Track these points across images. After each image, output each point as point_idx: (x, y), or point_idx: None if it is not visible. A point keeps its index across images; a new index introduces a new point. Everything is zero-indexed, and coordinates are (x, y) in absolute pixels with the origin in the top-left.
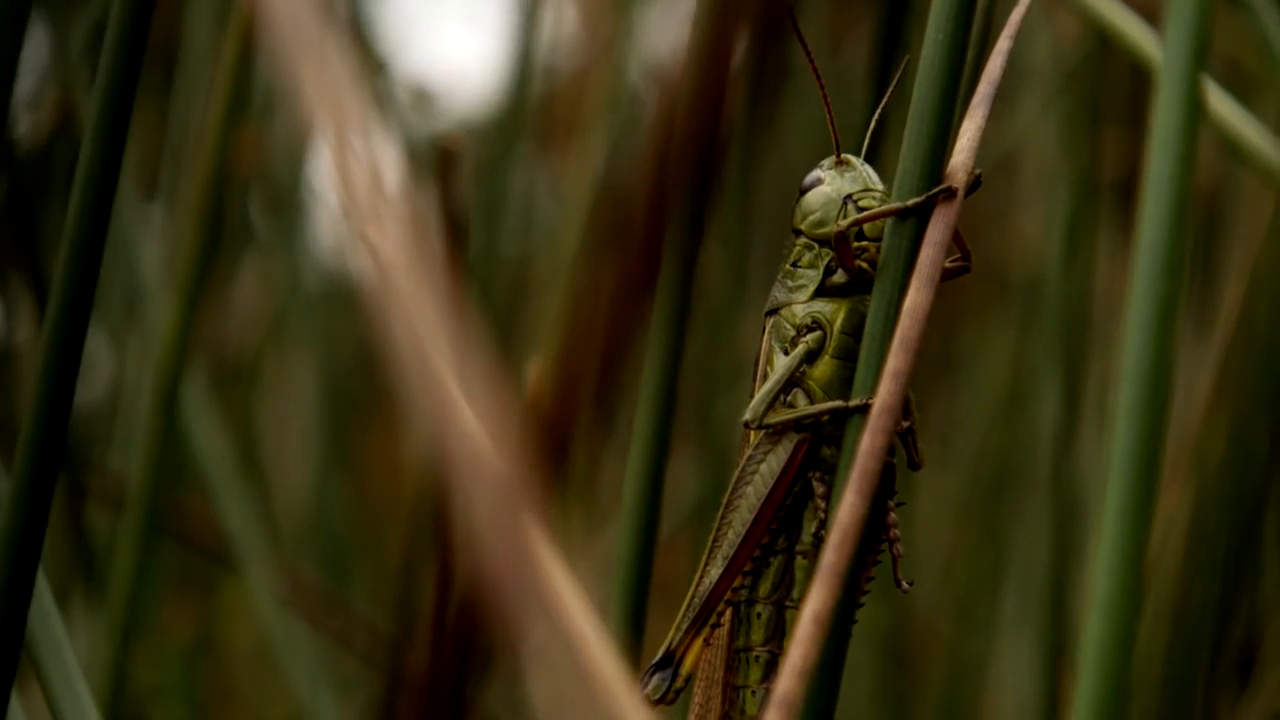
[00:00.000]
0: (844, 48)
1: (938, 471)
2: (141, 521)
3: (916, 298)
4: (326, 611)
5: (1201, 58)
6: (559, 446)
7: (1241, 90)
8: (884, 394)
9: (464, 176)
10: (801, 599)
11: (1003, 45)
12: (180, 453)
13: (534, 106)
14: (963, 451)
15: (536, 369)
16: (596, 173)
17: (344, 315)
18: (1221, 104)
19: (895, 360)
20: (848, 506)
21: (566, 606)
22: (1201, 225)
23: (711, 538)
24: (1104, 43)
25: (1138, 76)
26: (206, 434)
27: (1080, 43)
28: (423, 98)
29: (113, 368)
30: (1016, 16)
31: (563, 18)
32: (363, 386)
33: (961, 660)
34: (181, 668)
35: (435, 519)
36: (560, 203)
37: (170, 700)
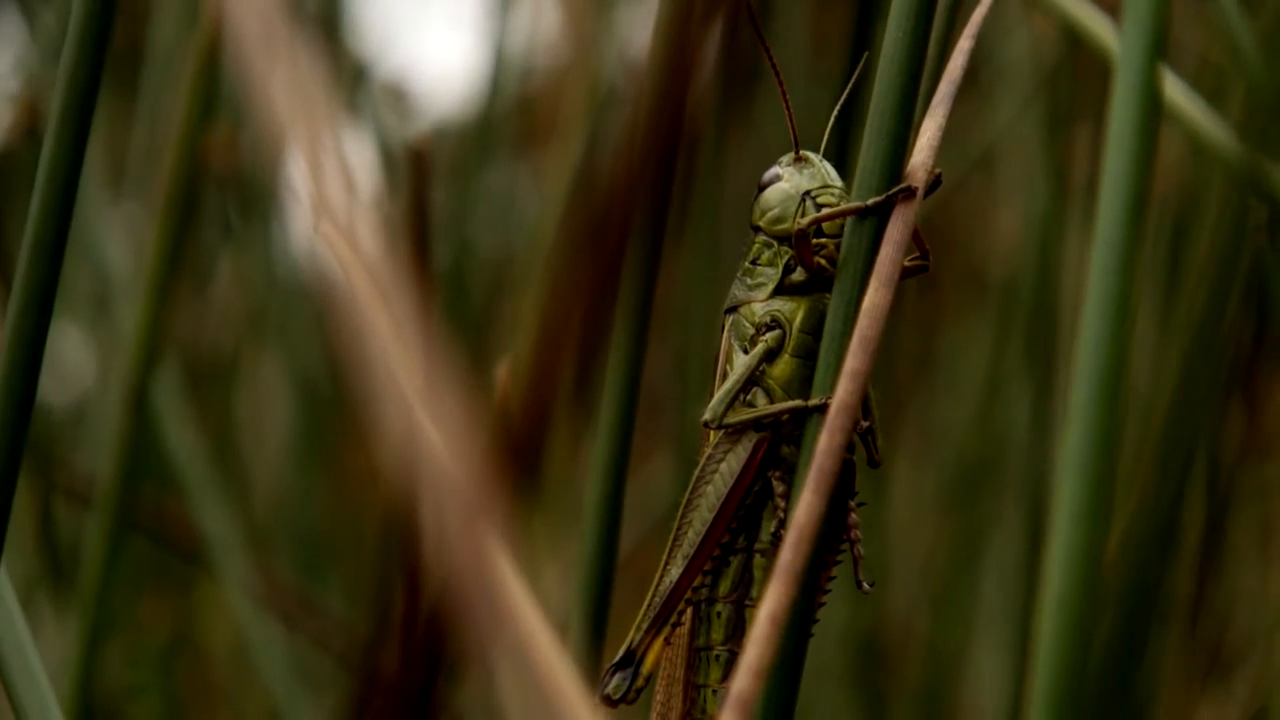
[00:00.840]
0: (830, 49)
1: (916, 470)
2: (111, 519)
3: (875, 297)
4: (302, 611)
5: (1158, 53)
6: (530, 444)
7: (1210, 86)
8: (842, 393)
9: (441, 176)
10: (760, 598)
11: (964, 44)
12: (159, 453)
13: (514, 107)
14: (941, 449)
15: (505, 370)
16: (575, 171)
17: (321, 313)
18: (1188, 101)
19: (853, 359)
20: (805, 506)
21: (521, 610)
22: (1173, 223)
23: (672, 537)
24: (1081, 42)
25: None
26: (180, 433)
27: (1059, 43)
28: (399, 98)
29: (91, 368)
30: (978, 16)
31: (543, 18)
32: (340, 384)
33: (939, 655)
34: (159, 666)
35: (402, 522)
36: (542, 202)
37: (147, 698)
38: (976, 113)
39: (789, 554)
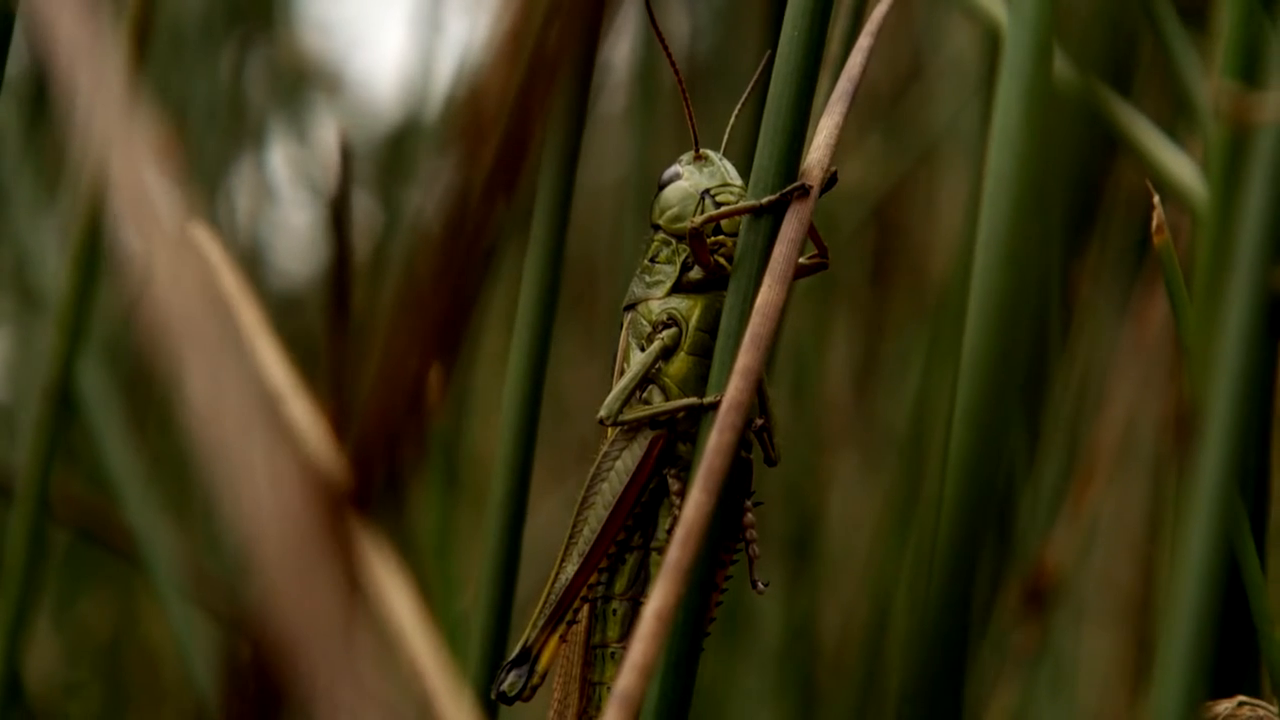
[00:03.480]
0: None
1: (864, 470)
2: (31, 512)
3: (769, 294)
4: (234, 608)
5: (1047, 31)
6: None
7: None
8: (733, 390)
9: (394, 172)
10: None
11: (863, 42)
12: (91, 450)
13: (456, 103)
14: (890, 450)
15: (435, 370)
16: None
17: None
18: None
19: (745, 357)
20: (693, 503)
21: (397, 615)
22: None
23: (568, 534)
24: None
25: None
26: (110, 430)
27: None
28: (336, 93)
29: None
30: (878, 13)
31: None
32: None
33: (876, 649)
34: (101, 663)
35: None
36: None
37: (88, 695)
38: (918, 111)
39: (676, 551)
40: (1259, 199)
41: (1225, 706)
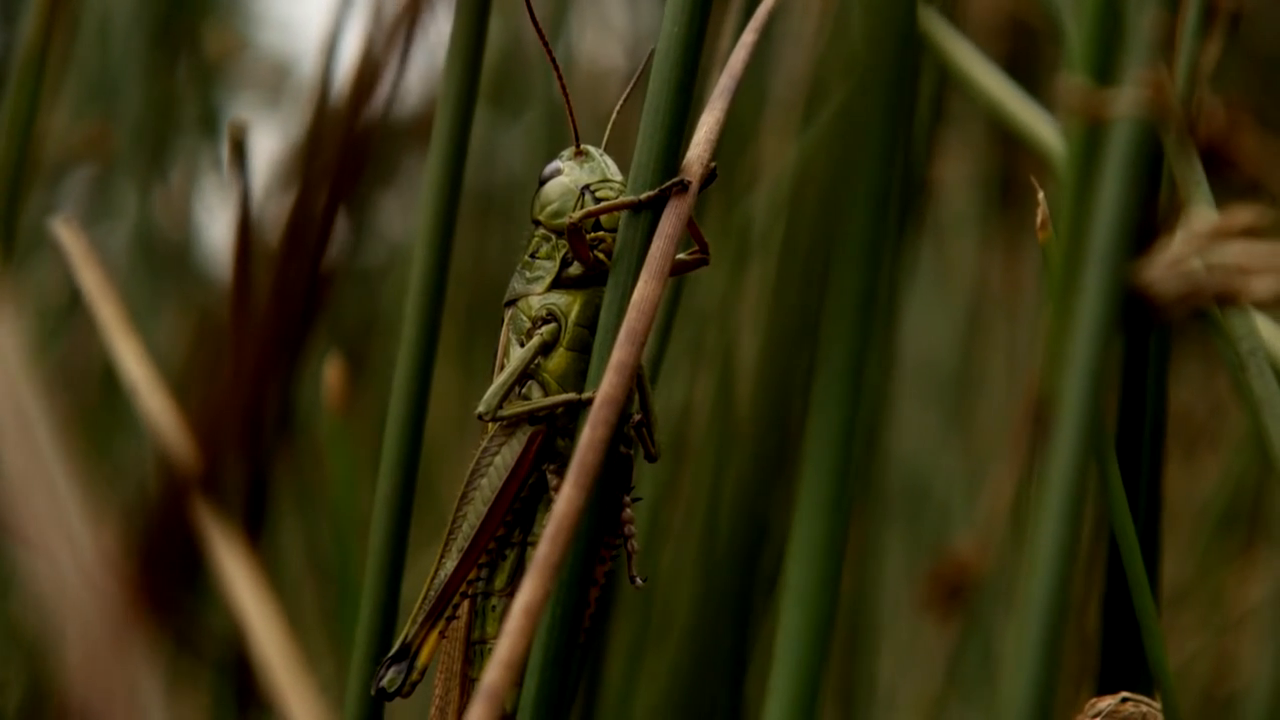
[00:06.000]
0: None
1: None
2: None
3: (645, 289)
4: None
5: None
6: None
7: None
8: (607, 386)
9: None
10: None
11: (746, 39)
12: None
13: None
14: None
15: (336, 369)
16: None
17: (175, 301)
18: (992, 79)
19: (620, 352)
20: (564, 499)
21: (247, 616)
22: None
23: (447, 530)
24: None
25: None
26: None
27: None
28: (279, 86)
29: None
30: (763, 10)
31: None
32: (194, 368)
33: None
34: (29, 661)
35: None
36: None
37: (13, 692)
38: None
39: (546, 546)
40: (1112, 192)
41: (1109, 703)
